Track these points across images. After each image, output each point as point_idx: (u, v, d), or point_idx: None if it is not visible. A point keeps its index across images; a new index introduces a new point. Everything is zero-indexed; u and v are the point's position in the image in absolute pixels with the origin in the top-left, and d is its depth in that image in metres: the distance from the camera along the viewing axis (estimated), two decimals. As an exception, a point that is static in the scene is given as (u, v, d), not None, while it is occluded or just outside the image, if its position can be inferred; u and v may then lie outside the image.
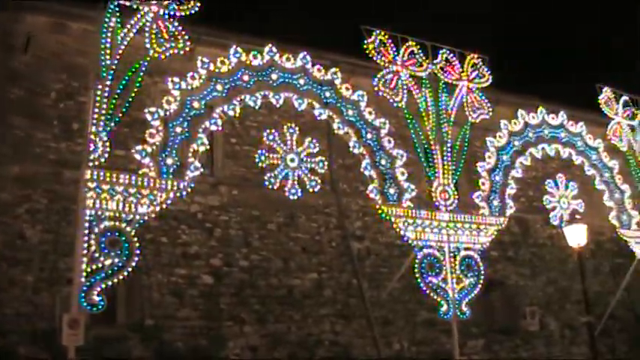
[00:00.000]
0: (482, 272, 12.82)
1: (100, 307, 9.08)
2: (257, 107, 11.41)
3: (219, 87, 10.91)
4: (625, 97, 16.96)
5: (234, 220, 13.27)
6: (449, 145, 13.14)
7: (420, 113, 13.09)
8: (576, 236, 13.48)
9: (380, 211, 11.96)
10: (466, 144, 13.47)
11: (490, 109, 13.94)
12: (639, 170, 16.51)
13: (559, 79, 26.47)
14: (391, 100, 12.69)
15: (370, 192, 12.04)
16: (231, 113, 11.01)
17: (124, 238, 9.44)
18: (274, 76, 11.49)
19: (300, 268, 12.84)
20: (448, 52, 13.83)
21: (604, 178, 16.02)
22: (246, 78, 11.19)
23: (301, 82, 11.73)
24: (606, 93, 16.61)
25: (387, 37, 12.87)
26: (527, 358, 14.62)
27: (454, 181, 13.02)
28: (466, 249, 12.74)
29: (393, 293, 12.74)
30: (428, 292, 12.08)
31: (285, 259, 13.07)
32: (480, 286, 12.72)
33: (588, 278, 14.79)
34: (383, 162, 12.25)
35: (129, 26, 10.29)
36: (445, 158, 13.01)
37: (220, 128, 11.06)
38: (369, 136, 12.20)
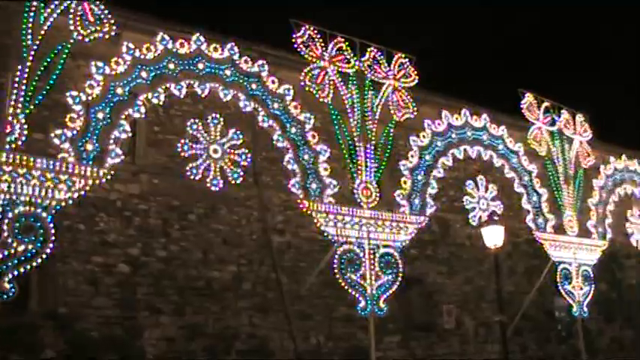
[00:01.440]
0: (401, 270, 13.39)
1: (11, 294, 9.07)
2: (182, 96, 11.66)
3: (144, 74, 11.01)
4: (546, 103, 17.96)
5: (154, 209, 13.43)
6: (373, 142, 13.64)
7: (346, 110, 13.60)
8: (493, 237, 14.25)
9: (301, 206, 12.47)
10: (390, 142, 14.04)
11: (415, 109, 14.54)
12: (556, 175, 17.63)
13: (484, 82, 27.61)
14: (317, 96, 13.12)
15: (292, 186, 12.48)
16: (155, 101, 11.21)
17: (39, 225, 9.49)
18: (200, 66, 11.67)
19: (219, 260, 13.13)
20: (376, 50, 14.36)
21: (523, 181, 16.98)
22: (172, 66, 11.33)
23: (228, 72, 11.98)
24: (528, 98, 17.56)
25: (315, 32, 13.29)
26: (443, 356, 15.39)
27: (376, 178, 13.49)
28: (386, 246, 13.26)
29: (312, 288, 13.21)
30: (346, 287, 12.54)
31: (205, 250, 13.32)
32: (398, 283, 13.32)
33: (503, 278, 15.67)
34: (306, 157, 12.65)
35: (53, 6, 10.28)
36: (368, 156, 13.48)
37: (144, 116, 11.24)
38: (293, 130, 12.60)
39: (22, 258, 9.25)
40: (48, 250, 9.30)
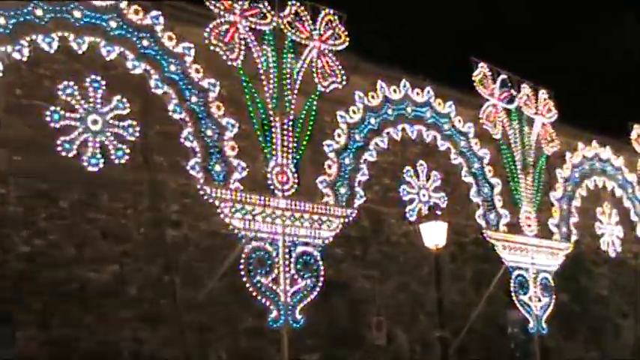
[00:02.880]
0: (323, 273, 13.75)
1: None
2: (52, 51, 11.67)
3: (1, 20, 10.96)
4: (503, 76, 18.64)
5: (14, 193, 13.29)
6: (291, 117, 13.93)
7: (260, 76, 13.79)
8: (435, 235, 14.67)
9: (202, 193, 12.68)
10: (312, 117, 14.35)
11: (344, 78, 14.86)
12: (513, 162, 18.36)
13: (430, 50, 28.28)
14: (225, 57, 13.28)
15: (191, 168, 12.70)
16: (17, 56, 11.22)
17: None
18: (77, 14, 11.65)
19: (97, 257, 13.07)
20: (299, 4, 14.50)
21: (472, 169, 17.70)
22: (39, 12, 11.31)
23: (112, 24, 12.03)
24: (482, 69, 18.12)
25: (224, -22, 13.50)
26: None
27: (295, 161, 13.81)
28: (304, 244, 13.62)
29: (213, 294, 13.41)
30: (255, 294, 12.84)
31: (79, 245, 13.21)
32: (318, 289, 13.65)
33: (446, 286, 16.20)
34: (209, 132, 12.88)
35: None
36: (286, 133, 13.79)
37: (1, 74, 11.24)
38: (194, 99, 12.77)
39: None
40: None
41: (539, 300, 18.09)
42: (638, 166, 22.34)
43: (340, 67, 14.91)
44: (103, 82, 11.89)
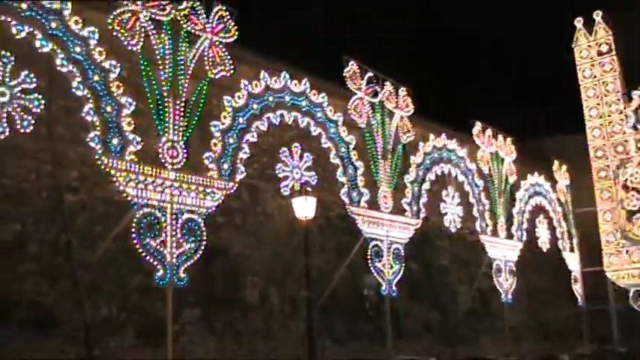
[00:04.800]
0: (205, 238, 13.89)
1: None
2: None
3: None
4: (370, 74, 19.19)
5: None
6: (183, 99, 13.93)
7: (157, 61, 13.74)
8: (304, 209, 15.03)
9: (99, 163, 12.63)
10: (202, 100, 14.35)
11: (232, 67, 14.91)
12: (375, 148, 18.97)
13: (309, 47, 28.67)
14: (125, 43, 13.14)
15: (91, 140, 12.62)
16: None
17: None
18: (-9, -4, 11.49)
19: (1, 217, 12.92)
20: (195, -1, 14.59)
21: (340, 152, 18.21)
22: (-46, -8, 11.12)
23: (23, 6, 11.74)
24: (352, 67, 18.54)
25: (128, -29, 13.36)
26: (245, 330, 16.14)
27: (185, 138, 13.82)
28: (190, 212, 13.73)
29: (107, 255, 13.41)
30: (144, 255, 12.87)
31: (-17, 205, 13.06)
32: (201, 252, 13.77)
33: (314, 254, 16.61)
34: (109, 109, 12.78)
35: None
36: (178, 113, 13.79)
37: None
38: (95, 78, 12.60)
39: None
40: None
41: (391, 267, 18.76)
42: (477, 157, 23.33)
43: (229, 58, 14.96)
44: (12, 58, 11.65)
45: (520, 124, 31.47)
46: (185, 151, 13.85)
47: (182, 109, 13.96)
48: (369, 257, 18.35)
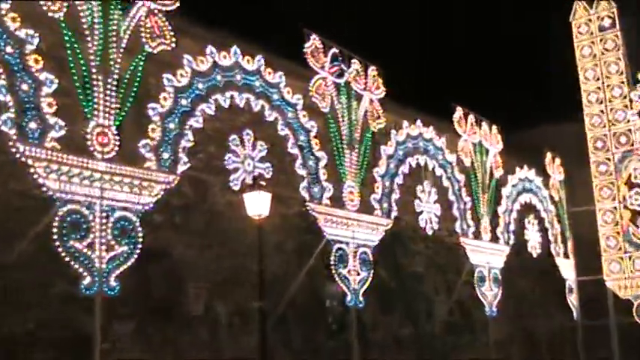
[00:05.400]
0: (141, 240, 13.71)
1: None
2: None
3: None
4: (335, 50, 18.99)
5: None
6: (116, 77, 13.65)
7: (84, 32, 13.38)
8: (258, 205, 14.80)
9: (14, 150, 12.25)
10: (138, 78, 14.10)
11: (173, 40, 14.67)
12: (339, 136, 18.79)
13: (263, 19, 28.34)
14: (45, 9, 12.77)
15: (3, 123, 12.17)
16: None
17: None
18: None
19: None
20: (128, -41, 14.29)
21: (299, 141, 17.97)
22: None
23: None
24: (314, 41, 18.30)
25: None
26: (187, 347, 15.84)
27: (117, 123, 13.56)
28: (123, 209, 13.50)
29: (23, 257, 13.01)
30: (68, 259, 12.62)
31: None
32: (136, 256, 13.62)
33: (268, 257, 16.31)
34: (25, 87, 12.33)
35: None
36: (109, 93, 13.51)
37: None
38: (8, 49, 12.22)
39: None
40: None
41: (358, 274, 18.64)
42: (457, 147, 23.22)
43: (170, 29, 14.70)
44: None
45: (508, 110, 31.19)
46: (117, 137, 13.56)
47: (114, 88, 13.69)
48: (332, 262, 18.17)
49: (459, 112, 23.43)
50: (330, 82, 18.75)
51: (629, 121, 25.52)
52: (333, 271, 18.22)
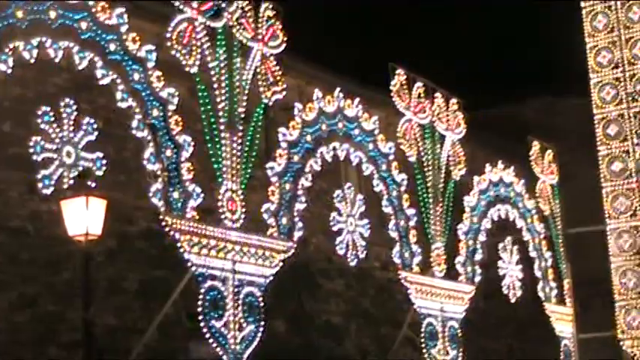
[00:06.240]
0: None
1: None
2: None
3: None
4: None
5: None
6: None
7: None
8: (84, 221, 12.10)
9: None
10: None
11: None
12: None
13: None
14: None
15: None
16: None
17: None
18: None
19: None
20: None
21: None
22: None
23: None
24: (399, 77, 18.17)
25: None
26: None
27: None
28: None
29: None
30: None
31: None
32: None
33: (99, 300, 14.12)
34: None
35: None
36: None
37: None
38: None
39: None
40: None
41: (241, 327, 14.08)
42: (397, 131, 18.74)
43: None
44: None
45: (475, 78, 27.28)
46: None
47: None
48: (201, 310, 13.47)
49: (399, 76, 18.73)
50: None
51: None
52: (203, 324, 13.51)
